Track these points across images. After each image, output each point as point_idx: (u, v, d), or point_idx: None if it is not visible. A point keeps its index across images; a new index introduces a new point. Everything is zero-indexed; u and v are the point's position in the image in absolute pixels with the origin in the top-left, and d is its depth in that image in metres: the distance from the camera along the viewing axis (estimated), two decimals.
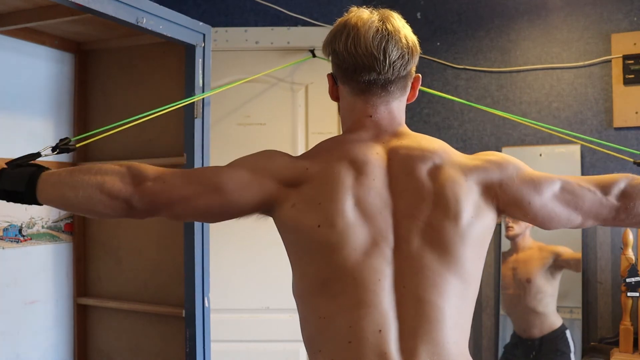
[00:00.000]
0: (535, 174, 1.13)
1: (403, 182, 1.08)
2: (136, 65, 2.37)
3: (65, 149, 1.39)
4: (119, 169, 1.12)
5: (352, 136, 1.14)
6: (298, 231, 1.07)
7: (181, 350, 2.14)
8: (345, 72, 1.13)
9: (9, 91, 2.18)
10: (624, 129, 2.49)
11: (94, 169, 1.12)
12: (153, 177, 1.11)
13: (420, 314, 0.99)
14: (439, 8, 2.79)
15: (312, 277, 1.06)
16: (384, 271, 1.02)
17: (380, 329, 0.98)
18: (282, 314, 2.55)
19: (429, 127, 2.79)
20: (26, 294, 2.24)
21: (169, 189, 1.10)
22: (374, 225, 1.04)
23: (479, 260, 1.09)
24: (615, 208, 1.12)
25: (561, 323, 2.52)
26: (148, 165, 1.14)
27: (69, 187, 1.11)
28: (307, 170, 1.09)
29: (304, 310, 1.08)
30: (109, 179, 1.10)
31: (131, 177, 1.11)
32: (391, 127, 1.15)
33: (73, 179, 1.12)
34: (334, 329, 1.01)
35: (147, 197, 1.10)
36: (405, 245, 1.03)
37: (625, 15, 2.51)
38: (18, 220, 2.20)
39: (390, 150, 1.11)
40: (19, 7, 1.94)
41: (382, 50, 1.09)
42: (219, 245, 2.43)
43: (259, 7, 2.75)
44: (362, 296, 1.00)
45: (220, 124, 2.62)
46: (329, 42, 1.16)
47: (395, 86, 1.14)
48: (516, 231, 2.61)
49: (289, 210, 1.07)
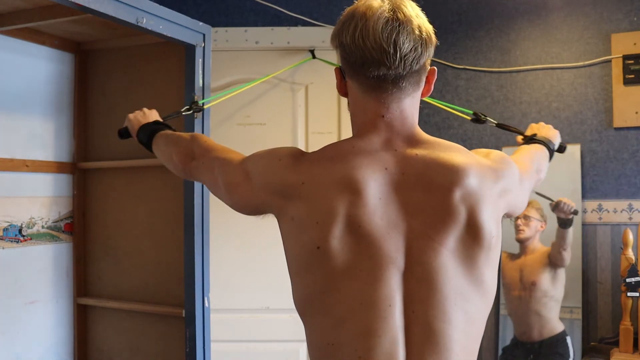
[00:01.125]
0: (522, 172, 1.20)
1: (418, 200, 1.00)
2: (136, 65, 2.37)
3: (197, 109, 1.92)
4: (185, 142, 1.40)
5: (360, 143, 1.05)
6: (297, 248, 1.02)
7: (181, 350, 2.14)
8: (353, 66, 1.04)
9: (9, 91, 2.18)
10: (624, 129, 2.50)
11: (174, 139, 1.45)
12: (199, 155, 1.32)
13: (428, 341, 0.95)
14: (439, 8, 2.79)
15: (316, 298, 1.01)
16: (394, 296, 0.96)
17: (390, 358, 0.94)
18: (282, 314, 2.55)
19: (429, 127, 2.79)
20: (26, 294, 2.24)
21: (201, 172, 1.30)
22: (380, 248, 0.97)
23: (495, 278, 1.05)
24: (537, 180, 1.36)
25: (562, 329, 2.50)
26: (205, 140, 1.36)
27: (159, 149, 1.50)
28: (302, 185, 1.02)
29: (310, 333, 1.04)
30: (176, 150, 1.40)
31: (185, 154, 1.36)
32: (403, 128, 1.06)
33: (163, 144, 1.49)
34: (342, 356, 0.97)
35: (191, 172, 1.35)
36: (417, 268, 0.97)
37: (625, 15, 2.51)
38: (18, 220, 2.20)
39: (403, 162, 1.03)
40: (19, 7, 1.94)
41: (393, 42, 0.99)
42: (219, 245, 2.43)
43: (259, 7, 2.75)
44: (372, 324, 0.95)
45: (220, 124, 2.62)
46: (336, 34, 1.06)
47: (407, 82, 1.04)
48: (527, 234, 2.59)
49: (289, 223, 1.04)
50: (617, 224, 2.49)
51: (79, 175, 2.45)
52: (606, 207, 2.52)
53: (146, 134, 1.56)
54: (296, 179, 1.03)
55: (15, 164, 2.19)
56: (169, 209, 2.26)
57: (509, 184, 1.10)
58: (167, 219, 2.28)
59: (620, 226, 2.47)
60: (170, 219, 2.25)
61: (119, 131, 1.68)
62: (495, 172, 1.07)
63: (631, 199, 2.48)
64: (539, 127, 1.60)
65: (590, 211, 2.53)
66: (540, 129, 1.59)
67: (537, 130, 1.59)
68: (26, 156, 2.24)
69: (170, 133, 1.52)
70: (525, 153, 1.41)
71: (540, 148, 1.49)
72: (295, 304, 1.06)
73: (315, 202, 1.00)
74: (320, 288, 0.99)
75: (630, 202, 2.49)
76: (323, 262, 0.98)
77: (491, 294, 1.03)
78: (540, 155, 1.46)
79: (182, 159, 1.36)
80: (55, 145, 2.36)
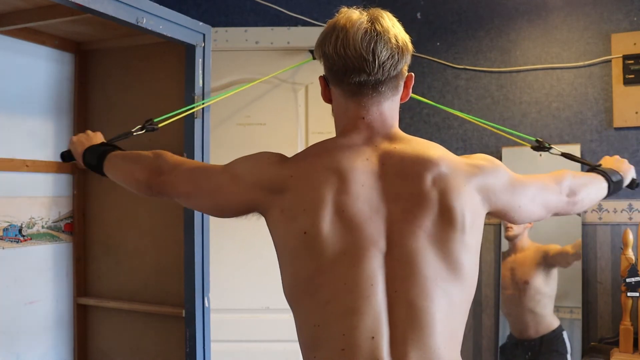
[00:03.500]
0: (519, 178, 1.22)
1: (396, 187, 1.07)
2: (136, 65, 2.37)
3: (150, 129, 1.73)
4: (149, 159, 1.34)
5: (343, 140, 1.13)
6: (287, 236, 1.08)
7: (181, 350, 2.14)
8: (336, 74, 1.12)
9: (9, 91, 2.18)
10: (624, 129, 2.49)
11: (134, 157, 1.39)
12: (168, 171, 1.29)
13: (410, 319, 1.00)
14: (439, 8, 2.79)
15: (303, 282, 1.06)
16: (376, 276, 1.02)
17: (374, 336, 0.99)
18: (282, 314, 2.55)
19: (429, 127, 2.79)
20: (26, 294, 2.24)
21: (174, 186, 1.27)
22: (363, 231, 1.03)
23: (476, 265, 1.10)
24: (567, 202, 1.32)
25: (558, 324, 2.51)
26: (171, 156, 1.33)
27: (116, 168, 1.42)
28: (291, 178, 1.09)
29: (298, 317, 1.09)
30: (137, 168, 1.35)
31: (151, 170, 1.32)
32: (383, 128, 1.14)
33: (119, 163, 1.42)
34: (327, 336, 1.01)
35: (160, 189, 1.30)
36: (397, 250, 1.03)
37: (625, 15, 2.51)
38: (18, 220, 2.20)
39: (382, 155, 1.10)
40: (19, 7, 1.94)
41: (372, 51, 1.07)
42: (219, 245, 2.43)
43: (259, 7, 2.75)
44: (354, 303, 1.00)
45: (220, 124, 2.62)
46: (319, 45, 1.15)
47: (386, 86, 1.12)
48: (515, 232, 2.61)
49: (278, 216, 1.09)
50: (617, 224, 2.49)
51: (79, 175, 2.45)
52: (606, 207, 2.52)
53: (95, 156, 1.48)
54: (285, 173, 1.11)
55: (15, 164, 2.19)
56: (169, 209, 2.26)
57: (490, 180, 1.14)
58: (167, 219, 2.28)
59: (620, 226, 2.47)
60: (170, 219, 2.26)
61: (61, 154, 1.61)
62: (470, 166, 1.13)
63: (631, 199, 2.47)
64: (612, 160, 1.61)
65: (590, 211, 2.53)
66: (611, 161, 1.60)
67: (608, 162, 1.60)
68: (26, 156, 2.24)
69: (128, 152, 1.47)
70: (558, 172, 1.37)
71: (594, 176, 1.48)
72: (285, 293, 1.11)
73: (303, 191, 1.07)
74: (307, 273, 1.05)
75: (630, 202, 2.49)
76: (310, 247, 1.04)
77: (470, 279, 1.08)
78: (586, 181, 1.43)
79: (148, 175, 1.32)
80: (55, 145, 2.36)
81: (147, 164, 1.33)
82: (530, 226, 2.61)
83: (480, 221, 1.11)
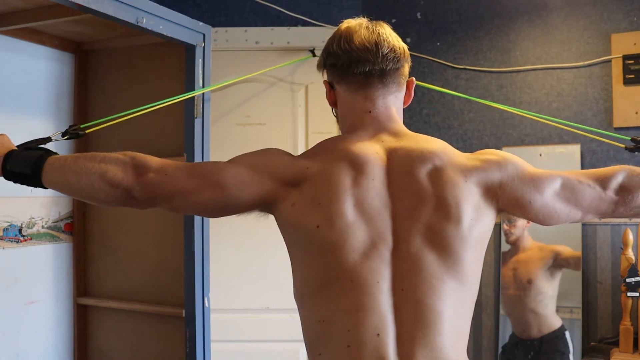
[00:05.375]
0: (535, 171, 1.13)
1: (402, 183, 1.07)
2: (136, 65, 2.37)
3: (74, 135, 1.44)
4: (122, 158, 1.12)
5: (351, 136, 1.14)
6: (298, 231, 1.07)
7: (181, 350, 2.14)
8: (341, 69, 1.16)
9: (9, 91, 2.18)
10: (624, 129, 2.49)
11: (99, 157, 1.13)
12: (155, 169, 1.11)
13: (418, 317, 0.99)
14: (439, 8, 2.79)
15: (312, 278, 1.05)
16: (382, 273, 1.01)
17: (379, 333, 0.98)
18: (282, 314, 2.55)
19: (429, 127, 2.79)
20: (26, 294, 2.24)
21: (170, 182, 1.10)
22: (373, 226, 1.04)
23: (478, 262, 1.09)
24: (614, 202, 1.13)
25: (560, 324, 2.51)
26: (151, 156, 1.14)
27: (72, 173, 1.13)
28: (307, 170, 1.08)
29: (304, 314, 1.08)
30: (111, 167, 1.11)
31: (134, 168, 1.11)
32: (389, 124, 1.15)
33: (77, 165, 1.13)
34: (333, 332, 1.01)
35: (149, 188, 1.11)
36: (404, 247, 1.03)
37: (625, 15, 2.51)
38: (18, 220, 2.19)
39: (389, 150, 1.11)
40: (19, 7, 1.94)
41: (374, 43, 1.13)
42: (219, 246, 2.43)
43: (259, 7, 2.75)
44: (360, 299, 0.99)
45: (220, 124, 2.62)
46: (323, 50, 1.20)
47: (391, 79, 1.15)
48: (516, 235, 2.61)
49: (290, 210, 1.07)
50: (617, 224, 2.49)
51: None
52: None
53: (29, 162, 1.16)
54: (300, 164, 1.10)
55: None
56: None
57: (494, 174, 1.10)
58: (167, 219, 2.28)
59: (620, 226, 2.47)
60: (170, 219, 2.26)
61: None
62: (472, 160, 1.12)
63: None
64: None
65: None
66: None
67: None
68: None
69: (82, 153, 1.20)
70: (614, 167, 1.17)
71: None
72: (295, 289, 1.09)
73: (320, 182, 1.07)
74: (316, 267, 1.04)
75: None
76: (320, 241, 1.03)
77: (472, 276, 1.06)
78: None
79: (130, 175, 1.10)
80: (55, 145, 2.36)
81: (124, 163, 1.11)
82: (528, 225, 2.61)
83: (485, 217, 1.09)
